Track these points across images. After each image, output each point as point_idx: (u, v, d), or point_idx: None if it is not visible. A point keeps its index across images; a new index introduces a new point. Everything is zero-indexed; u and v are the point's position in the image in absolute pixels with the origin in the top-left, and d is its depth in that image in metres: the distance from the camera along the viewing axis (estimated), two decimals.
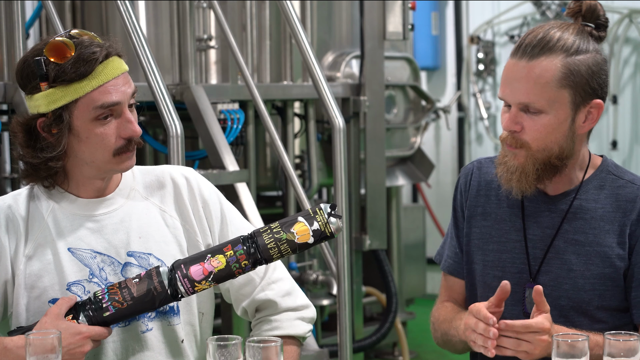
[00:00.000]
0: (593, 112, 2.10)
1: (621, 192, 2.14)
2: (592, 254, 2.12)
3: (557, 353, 1.81)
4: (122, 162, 2.10)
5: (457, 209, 2.31)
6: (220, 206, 2.24)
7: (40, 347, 1.80)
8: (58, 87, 2.02)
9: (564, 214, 2.15)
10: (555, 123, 2.07)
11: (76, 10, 4.71)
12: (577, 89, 2.06)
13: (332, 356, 4.31)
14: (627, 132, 6.70)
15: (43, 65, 2.02)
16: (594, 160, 2.20)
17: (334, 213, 2.01)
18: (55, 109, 2.03)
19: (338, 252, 3.55)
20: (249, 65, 4.51)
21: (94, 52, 2.02)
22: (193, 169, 2.30)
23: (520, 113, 2.08)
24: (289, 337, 2.19)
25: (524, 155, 2.09)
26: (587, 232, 2.13)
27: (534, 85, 2.05)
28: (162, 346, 2.13)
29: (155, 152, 4.69)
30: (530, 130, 2.08)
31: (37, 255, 2.10)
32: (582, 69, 2.05)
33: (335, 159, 3.57)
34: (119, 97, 2.05)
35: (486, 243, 2.23)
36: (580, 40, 2.08)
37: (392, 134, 5.52)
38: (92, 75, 2.02)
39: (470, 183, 2.28)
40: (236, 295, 2.24)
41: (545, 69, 2.05)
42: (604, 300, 2.12)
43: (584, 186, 2.16)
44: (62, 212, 2.13)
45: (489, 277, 2.20)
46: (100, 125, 2.05)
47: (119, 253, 2.12)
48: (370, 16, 5.04)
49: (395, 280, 5.35)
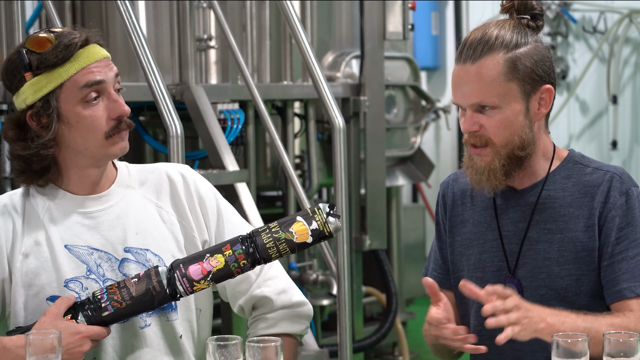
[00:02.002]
0: (545, 97, 2.17)
1: (587, 178, 2.19)
2: (564, 240, 2.16)
3: (557, 353, 1.81)
4: (114, 143, 2.11)
5: (440, 222, 2.37)
6: (217, 203, 2.25)
7: (40, 347, 1.80)
8: (42, 74, 2.06)
9: (533, 206, 2.20)
10: (511, 116, 2.13)
11: (76, 10, 4.71)
12: (524, 80, 2.13)
13: (332, 356, 4.31)
14: (627, 132, 6.70)
15: (25, 56, 2.06)
16: (560, 152, 2.25)
17: (332, 212, 2.01)
18: (41, 96, 2.06)
19: (338, 252, 3.55)
20: (249, 65, 4.51)
21: (73, 37, 2.07)
22: (189, 167, 2.31)
23: (476, 114, 2.15)
24: (286, 335, 2.20)
25: (490, 153, 2.15)
26: (557, 219, 2.17)
27: (483, 85, 2.12)
28: (161, 342, 2.14)
29: (155, 152, 4.69)
30: (490, 127, 2.14)
31: (34, 252, 2.11)
32: (525, 61, 2.13)
33: (335, 159, 3.57)
34: (103, 76, 2.08)
35: (467, 248, 2.27)
36: (518, 34, 2.15)
37: (392, 134, 5.52)
38: (73, 58, 2.06)
39: (449, 195, 2.35)
40: (232, 293, 2.24)
41: (490, 68, 2.12)
42: (582, 285, 2.15)
43: (550, 177, 2.21)
44: (58, 210, 2.14)
45: (472, 280, 2.23)
46: (88, 107, 2.08)
47: (115, 249, 2.13)
48: (370, 16, 5.04)
49: (395, 280, 5.35)
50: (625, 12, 6.62)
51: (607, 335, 1.82)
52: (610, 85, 6.66)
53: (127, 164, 2.25)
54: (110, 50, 2.16)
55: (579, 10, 6.79)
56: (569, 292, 2.15)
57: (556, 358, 1.81)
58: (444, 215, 2.35)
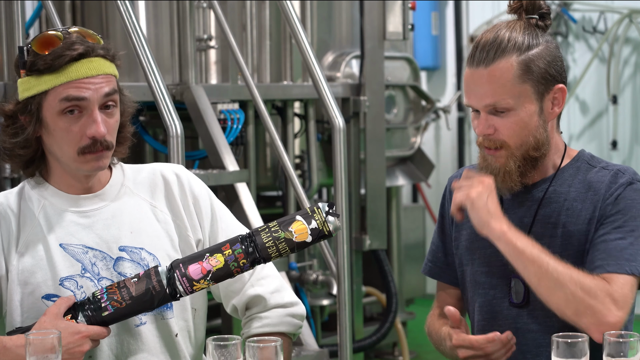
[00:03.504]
0: (558, 96, 2.17)
1: (594, 176, 2.19)
2: (568, 234, 2.16)
3: (557, 353, 1.81)
4: (86, 162, 2.10)
5: (445, 216, 2.36)
6: (211, 203, 2.25)
7: (40, 346, 1.80)
8: (32, 76, 2.07)
9: (539, 202, 2.20)
10: (525, 117, 2.14)
11: (76, 10, 4.71)
12: (538, 81, 2.13)
13: (332, 356, 4.31)
14: (627, 132, 6.70)
15: (25, 53, 2.07)
16: (570, 151, 2.26)
17: (332, 212, 2.01)
18: (28, 96, 2.07)
19: (338, 252, 3.55)
20: (249, 65, 4.51)
21: (73, 49, 2.05)
22: (183, 167, 2.32)
23: (490, 116, 2.15)
24: (280, 334, 2.20)
25: (504, 155, 2.15)
26: (561, 213, 2.17)
27: (497, 87, 2.12)
28: (157, 340, 2.14)
29: (155, 152, 4.69)
30: (504, 129, 2.14)
31: (29, 251, 2.11)
32: (538, 62, 2.13)
33: (335, 159, 3.57)
34: (88, 94, 2.06)
35: (473, 243, 2.27)
36: (529, 35, 2.15)
37: (392, 134, 5.52)
38: (62, 70, 2.05)
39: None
40: (225, 292, 2.25)
41: (504, 71, 2.12)
42: None
43: (559, 174, 2.21)
44: (53, 209, 2.15)
45: (477, 275, 2.25)
46: (66, 119, 2.07)
47: (110, 248, 2.13)
48: (370, 16, 5.04)
49: (395, 280, 5.35)
50: (625, 12, 6.62)
51: (607, 335, 1.82)
52: (610, 85, 6.66)
53: (122, 163, 2.26)
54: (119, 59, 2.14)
55: (579, 10, 6.79)
56: None
57: (556, 358, 1.81)
58: (450, 208, 2.34)
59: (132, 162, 2.31)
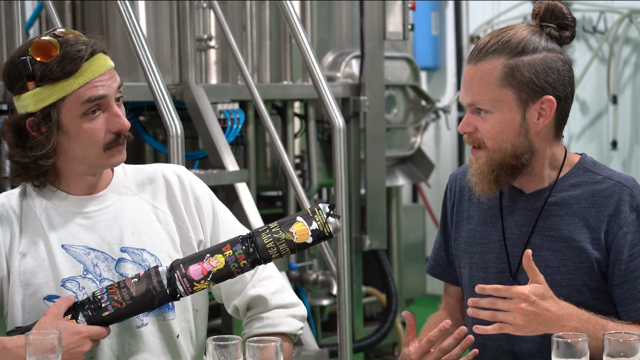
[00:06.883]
0: (545, 108, 2.12)
1: (597, 187, 2.16)
2: (567, 249, 2.14)
3: (557, 353, 1.81)
4: (112, 156, 2.12)
5: (447, 214, 2.36)
6: (212, 203, 2.26)
7: (40, 347, 1.80)
8: (45, 86, 2.04)
9: (539, 212, 2.18)
10: (503, 122, 2.11)
11: (76, 10, 4.71)
12: (521, 88, 2.09)
13: (332, 356, 4.31)
14: (627, 132, 6.70)
15: (29, 65, 2.03)
16: (571, 158, 2.22)
17: (332, 213, 2.01)
18: (43, 107, 2.05)
19: (338, 252, 3.55)
20: (249, 65, 4.51)
21: (79, 50, 2.05)
22: (184, 167, 2.32)
23: (473, 115, 2.14)
24: (281, 334, 2.20)
25: (484, 156, 2.14)
26: (562, 228, 2.15)
27: (478, 87, 2.11)
28: (158, 341, 2.14)
29: (155, 152, 4.69)
30: (483, 130, 2.13)
31: (31, 252, 2.11)
32: (524, 69, 2.09)
33: (335, 159, 3.57)
34: (105, 90, 2.07)
35: (471, 246, 2.26)
36: (530, 42, 2.11)
37: (392, 134, 5.52)
38: (78, 73, 2.04)
39: (456, 189, 2.33)
40: (227, 293, 2.25)
41: (486, 71, 2.10)
42: (583, 296, 2.13)
43: (559, 184, 2.18)
44: (55, 210, 2.14)
45: (474, 279, 2.24)
46: (88, 120, 2.07)
47: (112, 249, 2.14)
48: (370, 16, 5.04)
49: (395, 280, 5.35)
50: (625, 12, 6.62)
51: (607, 335, 1.82)
52: (610, 85, 6.66)
53: (124, 164, 2.26)
54: (111, 51, 2.15)
55: (579, 10, 6.79)
56: (569, 301, 2.10)
57: (556, 358, 1.81)
58: (451, 207, 2.34)
59: (132, 162, 2.31)
